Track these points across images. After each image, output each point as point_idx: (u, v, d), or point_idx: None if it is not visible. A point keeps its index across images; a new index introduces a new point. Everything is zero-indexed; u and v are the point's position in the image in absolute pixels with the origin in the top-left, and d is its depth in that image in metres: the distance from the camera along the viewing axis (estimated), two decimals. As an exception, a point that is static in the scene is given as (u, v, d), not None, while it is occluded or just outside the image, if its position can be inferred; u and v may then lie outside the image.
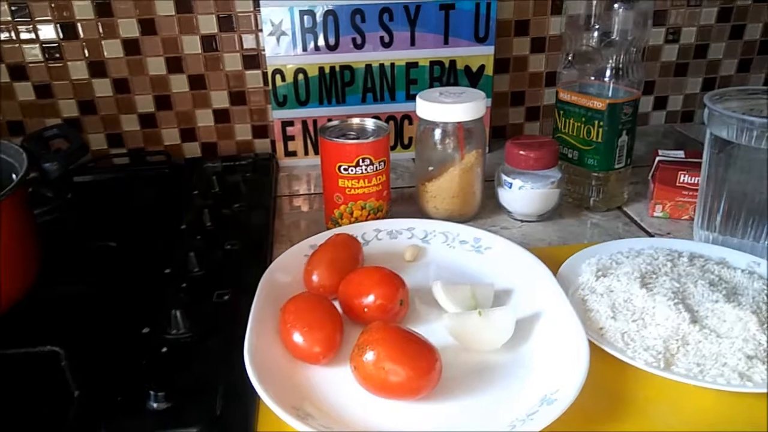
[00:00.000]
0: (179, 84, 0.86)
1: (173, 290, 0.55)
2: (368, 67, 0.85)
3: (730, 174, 0.59)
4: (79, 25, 0.81)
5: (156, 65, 0.85)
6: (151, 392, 0.41)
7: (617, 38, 0.66)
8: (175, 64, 0.85)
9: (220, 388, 0.43)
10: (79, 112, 0.86)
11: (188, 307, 0.50)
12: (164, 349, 0.47)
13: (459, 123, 0.66)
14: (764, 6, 0.93)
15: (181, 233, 0.66)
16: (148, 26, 0.82)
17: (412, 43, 0.84)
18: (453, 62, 0.85)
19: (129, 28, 0.82)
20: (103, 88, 0.85)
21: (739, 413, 0.43)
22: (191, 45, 0.84)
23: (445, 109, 0.65)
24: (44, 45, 0.82)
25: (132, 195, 0.72)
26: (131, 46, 0.83)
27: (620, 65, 0.67)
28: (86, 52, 0.83)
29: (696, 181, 0.66)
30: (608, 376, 0.46)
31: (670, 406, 0.44)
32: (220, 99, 0.88)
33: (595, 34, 0.67)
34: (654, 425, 0.42)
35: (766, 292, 0.52)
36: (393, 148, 0.89)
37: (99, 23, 0.81)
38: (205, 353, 0.47)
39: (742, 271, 0.55)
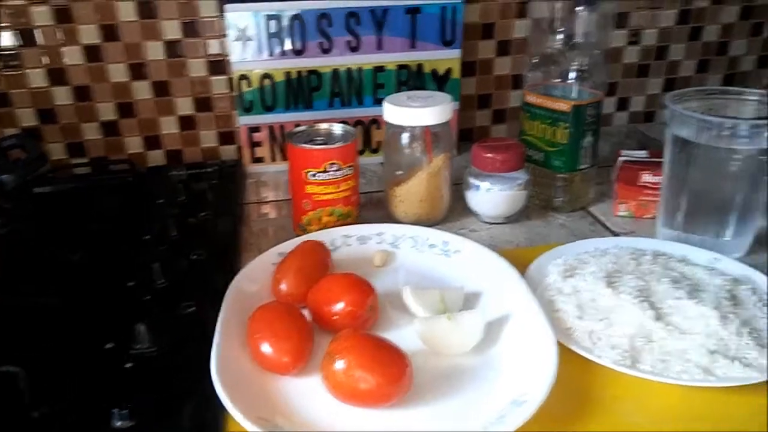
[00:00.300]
0: (142, 91, 0.85)
1: (137, 303, 0.54)
2: (335, 71, 0.84)
3: (691, 173, 0.60)
4: (37, 31, 0.79)
5: (118, 72, 0.83)
6: (115, 410, 0.40)
7: (581, 41, 0.67)
8: (138, 71, 0.84)
9: (187, 402, 0.42)
10: (39, 121, 0.84)
11: (153, 320, 0.49)
12: (128, 365, 0.46)
13: (426, 127, 0.66)
14: (722, 8, 0.96)
15: (146, 243, 0.64)
16: (109, 32, 0.81)
17: (379, 47, 0.84)
18: (420, 66, 0.86)
19: (90, 34, 0.80)
20: (63, 96, 0.83)
21: (702, 407, 0.44)
22: (155, 51, 0.83)
23: (412, 113, 0.66)
24: (1, 52, 0.79)
25: (94, 205, 0.70)
26: (92, 53, 0.81)
27: (584, 67, 0.67)
28: (45, 59, 0.81)
29: (658, 180, 0.68)
30: (576, 375, 0.46)
31: (637, 403, 0.45)
32: (184, 106, 0.87)
33: (560, 36, 0.68)
34: (621, 422, 0.43)
35: (726, 288, 0.53)
36: (361, 152, 0.89)
37: (58, 29, 0.79)
38: (171, 367, 0.46)
39: (703, 267, 0.57)
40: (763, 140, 0.56)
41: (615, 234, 0.68)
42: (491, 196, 0.68)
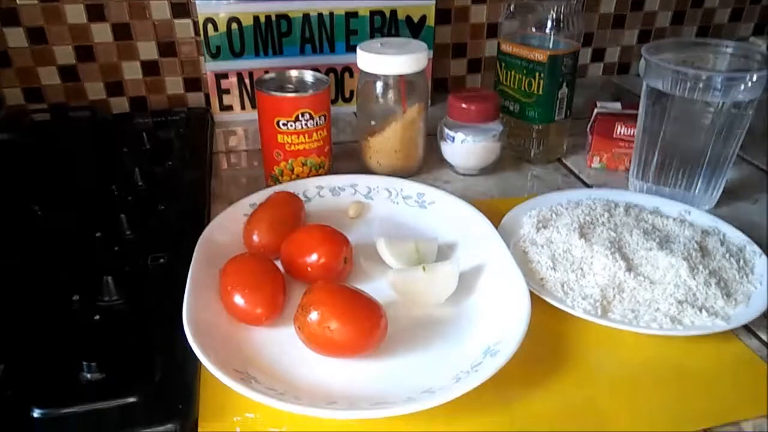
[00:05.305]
0: (102, 34, 0.80)
1: (104, 254, 0.52)
2: (306, 16, 0.81)
3: (664, 125, 0.60)
4: (-16, -33, 0.74)
5: (75, 13, 0.78)
6: (84, 363, 0.39)
7: (558, -12, 0.65)
8: (96, 12, 0.79)
9: (158, 355, 0.41)
10: (-10, 64, 0.79)
11: (121, 272, 0.48)
12: (96, 317, 0.45)
13: (401, 75, 0.65)
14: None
15: (111, 194, 0.62)
16: (63, -31, 0.76)
17: (352, -9, 0.81)
18: (394, 12, 0.83)
19: (42, -29, 0.76)
20: (16, 38, 0.78)
21: (670, 355, 0.45)
22: (114, -10, 0.78)
23: (386, 61, 0.64)
24: (-55, -11, 0.74)
25: (55, 154, 0.67)
26: (46, -8, 0.77)
27: (561, 16, 0.66)
28: (-5, -3, 0.76)
29: (632, 133, 0.68)
30: (549, 325, 0.47)
31: (608, 352, 0.46)
32: (147, 50, 0.83)
33: (536, -17, 0.66)
34: (593, 370, 0.44)
35: (696, 239, 0.54)
36: (334, 101, 0.87)
37: (7, -35, 0.74)
38: (141, 319, 0.45)
39: (674, 219, 0.57)
40: (737, 93, 0.56)
41: (588, 186, 0.69)
42: (466, 147, 0.68)
